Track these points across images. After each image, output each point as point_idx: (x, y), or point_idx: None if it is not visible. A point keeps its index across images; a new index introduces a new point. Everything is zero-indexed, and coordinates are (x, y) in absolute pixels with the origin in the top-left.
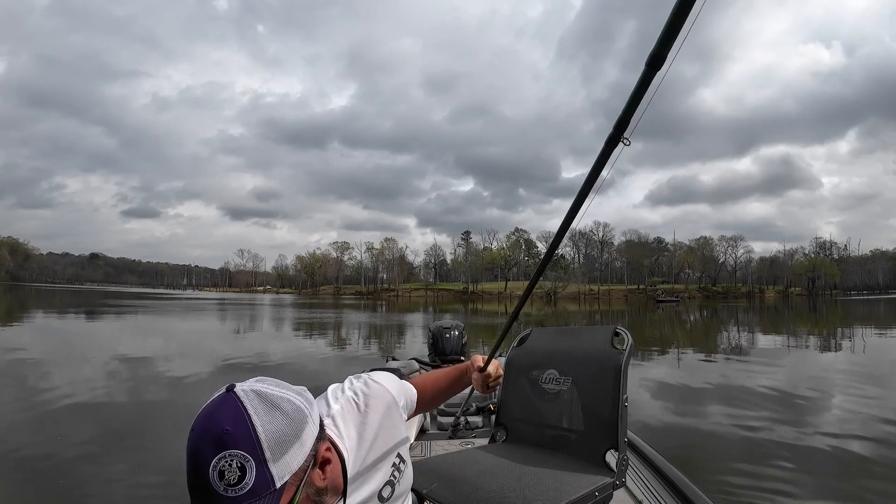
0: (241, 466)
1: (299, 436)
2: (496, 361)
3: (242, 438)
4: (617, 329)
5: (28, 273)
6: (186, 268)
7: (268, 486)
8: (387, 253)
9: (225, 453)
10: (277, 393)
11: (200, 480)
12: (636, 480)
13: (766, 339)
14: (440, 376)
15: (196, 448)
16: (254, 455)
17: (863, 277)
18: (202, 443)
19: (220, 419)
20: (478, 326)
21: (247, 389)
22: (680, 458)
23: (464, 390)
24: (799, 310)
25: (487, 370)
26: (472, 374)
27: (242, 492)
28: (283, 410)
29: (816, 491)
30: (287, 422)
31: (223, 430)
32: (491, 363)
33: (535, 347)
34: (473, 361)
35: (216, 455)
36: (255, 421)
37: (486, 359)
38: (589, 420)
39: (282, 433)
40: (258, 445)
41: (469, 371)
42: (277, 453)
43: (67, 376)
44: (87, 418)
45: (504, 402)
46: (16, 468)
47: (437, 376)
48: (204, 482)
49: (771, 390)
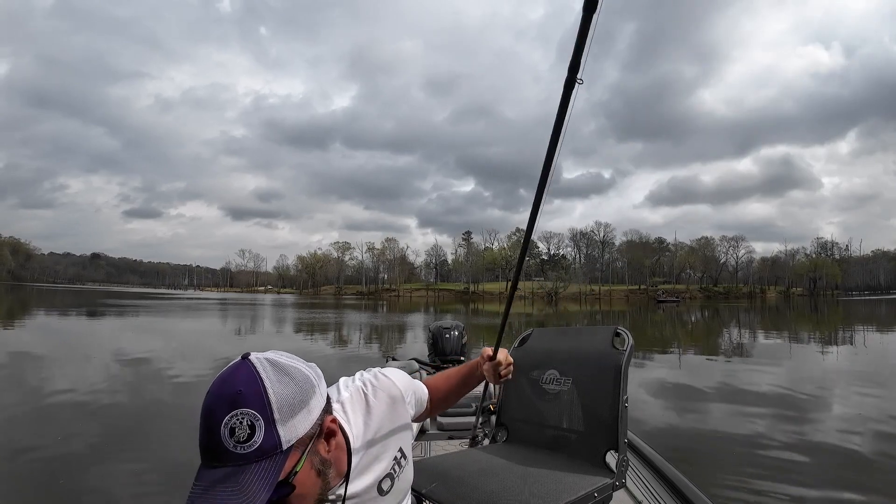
0: (252, 425)
1: (307, 403)
2: (504, 350)
3: (254, 399)
4: (617, 329)
5: (29, 273)
6: (188, 268)
7: (275, 446)
8: (388, 253)
9: (237, 412)
10: (289, 362)
11: (213, 437)
12: (636, 481)
13: (766, 340)
14: (451, 374)
15: (210, 407)
16: (264, 415)
17: (864, 278)
18: (216, 402)
19: (234, 381)
20: (478, 327)
21: (261, 357)
22: (680, 459)
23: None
24: (800, 310)
25: (497, 358)
26: (484, 366)
27: (251, 449)
28: (294, 377)
29: (816, 491)
30: (296, 388)
31: (237, 391)
32: (500, 351)
33: (535, 348)
34: (484, 353)
35: (229, 413)
36: (267, 384)
37: (493, 349)
38: (589, 421)
39: (291, 398)
40: (268, 406)
41: (480, 364)
42: (286, 416)
43: (67, 376)
44: (87, 418)
45: (505, 402)
46: (16, 468)
47: (448, 374)
48: (216, 439)
49: (771, 391)
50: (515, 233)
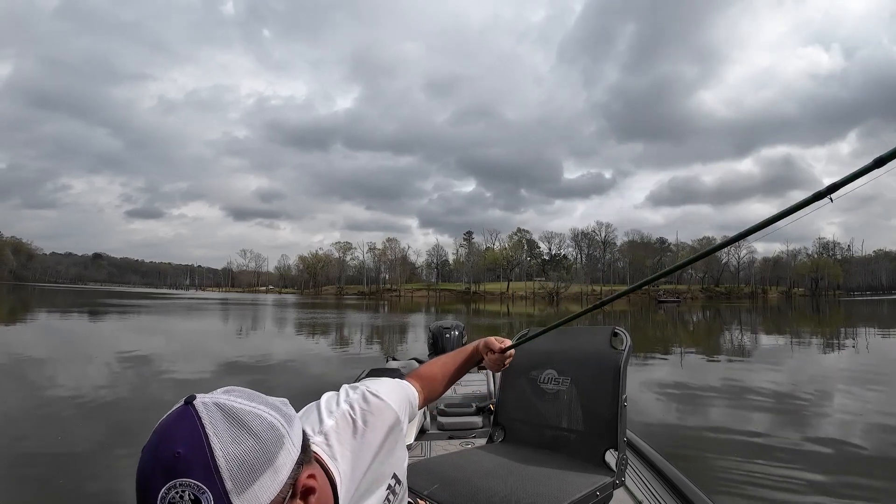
0: (195, 499)
1: (272, 461)
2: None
3: (198, 464)
4: (615, 329)
5: (31, 273)
6: (189, 268)
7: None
8: (389, 253)
9: (175, 482)
10: (246, 408)
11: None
12: (636, 480)
13: (767, 340)
14: (447, 361)
15: (144, 473)
16: (211, 485)
17: (866, 278)
18: (151, 468)
19: (173, 439)
20: (480, 327)
21: (208, 402)
22: (679, 458)
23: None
24: (802, 310)
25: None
26: (489, 356)
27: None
28: (252, 430)
29: (816, 491)
30: (256, 444)
31: (175, 454)
32: (503, 341)
33: (533, 347)
34: (489, 344)
35: (165, 483)
36: (214, 442)
37: (501, 340)
38: (588, 420)
39: (249, 458)
40: (217, 474)
41: (479, 351)
42: (242, 483)
43: (67, 376)
44: (88, 418)
45: (502, 402)
46: (16, 468)
47: (444, 361)
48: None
49: (772, 391)
50: (517, 233)
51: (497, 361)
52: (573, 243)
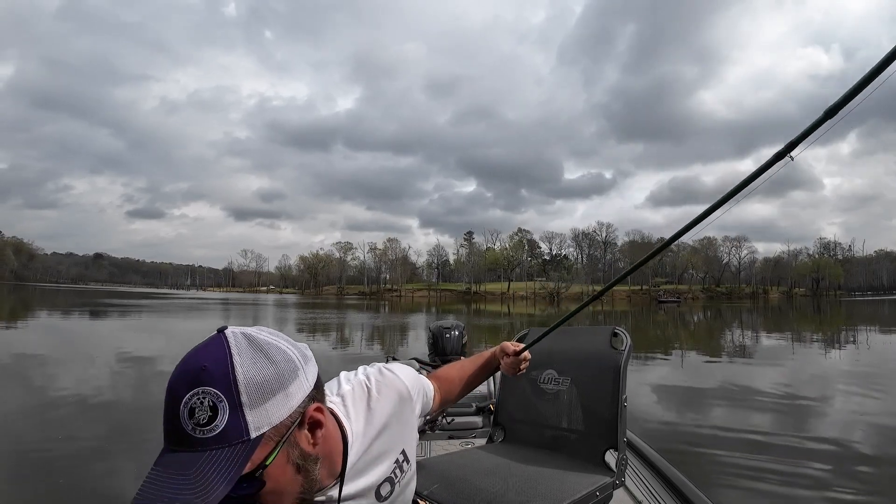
0: (213, 406)
1: (285, 387)
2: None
3: (219, 377)
4: (615, 329)
5: (32, 273)
6: (190, 268)
7: (240, 433)
8: (389, 253)
9: (198, 390)
10: (270, 340)
11: (172, 417)
12: (635, 480)
13: (768, 340)
14: (465, 365)
15: (172, 384)
16: (228, 396)
17: (867, 278)
18: (179, 378)
19: (200, 357)
20: (480, 327)
21: (236, 332)
22: (679, 458)
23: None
24: (803, 310)
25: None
26: (505, 359)
27: (211, 434)
28: (271, 357)
29: (816, 491)
30: (273, 370)
31: (201, 367)
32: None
33: (533, 348)
34: (504, 348)
35: (189, 391)
36: (237, 361)
37: (516, 343)
38: (588, 420)
39: (265, 380)
40: (234, 387)
41: (496, 356)
42: (256, 400)
43: (68, 375)
44: (89, 417)
45: (502, 402)
46: (16, 468)
47: (461, 365)
48: (175, 420)
49: (772, 391)
50: (517, 233)
51: (513, 365)
52: (574, 243)
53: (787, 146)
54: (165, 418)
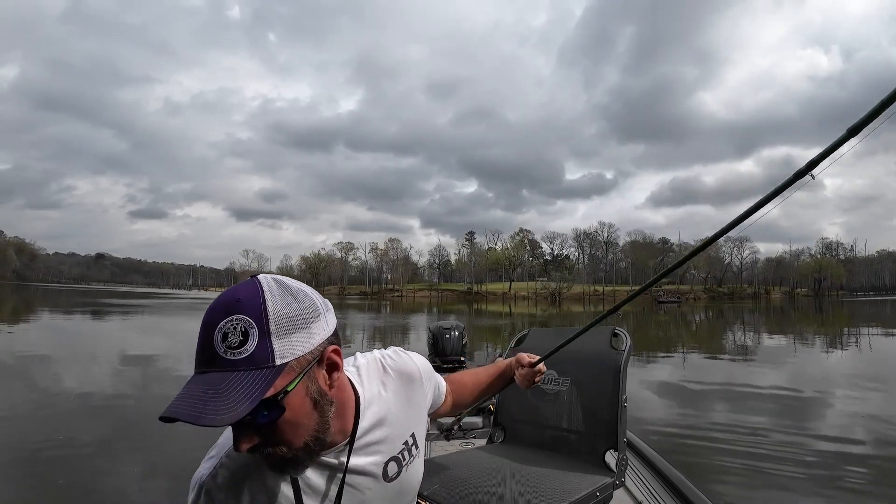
0: (245, 331)
1: (308, 325)
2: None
3: (252, 308)
4: (615, 330)
5: (34, 273)
6: (192, 268)
7: (267, 358)
8: (391, 253)
9: (232, 317)
10: (298, 286)
11: (206, 342)
12: (635, 480)
13: (770, 341)
14: (479, 373)
15: (209, 314)
16: (259, 324)
17: (869, 278)
18: (215, 308)
19: (236, 292)
20: (482, 328)
21: (269, 277)
22: (679, 458)
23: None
24: (805, 311)
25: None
26: (520, 370)
27: (241, 356)
28: (298, 299)
29: (817, 491)
30: (299, 309)
31: (236, 299)
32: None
33: (533, 348)
34: (520, 360)
35: (224, 318)
36: (268, 297)
37: (531, 357)
38: (588, 420)
39: (291, 315)
40: (265, 317)
41: (511, 367)
42: (283, 331)
43: (68, 374)
44: (89, 417)
45: (503, 402)
46: (16, 468)
47: (476, 371)
48: (209, 343)
49: (774, 392)
50: (519, 233)
51: (527, 377)
52: (575, 243)
53: (809, 164)
54: (200, 343)
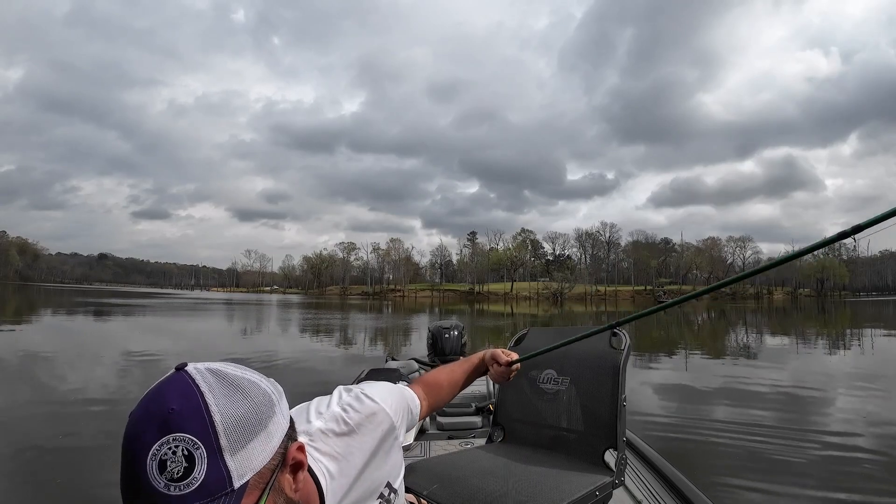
0: (189, 455)
1: (265, 425)
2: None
3: (194, 419)
4: (615, 329)
5: (37, 273)
6: (194, 268)
7: (223, 483)
8: (393, 254)
9: (168, 437)
10: (239, 373)
11: (136, 475)
12: (635, 480)
13: (772, 341)
14: (454, 369)
15: (133, 433)
16: (206, 441)
17: (872, 279)
18: (141, 425)
19: (166, 398)
20: (484, 328)
21: (200, 368)
22: (678, 457)
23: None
24: (807, 311)
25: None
26: (494, 367)
27: (189, 489)
28: (246, 392)
29: (817, 492)
30: (251, 406)
31: (169, 409)
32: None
33: (532, 347)
34: (496, 356)
35: (158, 440)
36: (210, 400)
37: (507, 352)
38: (588, 420)
39: (243, 419)
40: (212, 429)
41: (485, 362)
42: (237, 443)
43: (68, 374)
44: (90, 416)
45: (502, 402)
46: (15, 467)
47: (451, 369)
48: (141, 477)
49: (775, 392)
50: (521, 233)
51: (502, 374)
52: (577, 244)
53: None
54: (125, 476)
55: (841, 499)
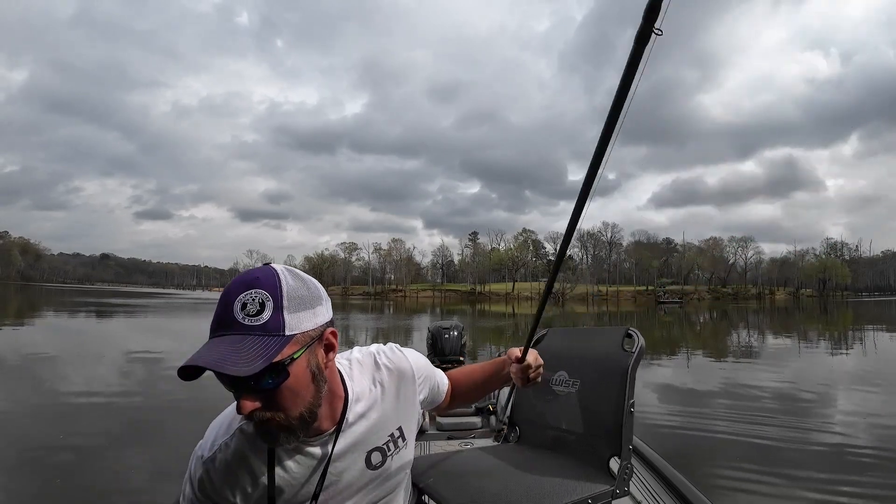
0: (262, 303)
1: (314, 307)
2: (534, 351)
3: (268, 284)
4: (629, 331)
5: (38, 273)
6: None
7: (279, 328)
8: (394, 254)
9: (251, 291)
10: (305, 275)
11: (226, 310)
12: (640, 488)
13: (774, 341)
14: (474, 369)
15: (229, 288)
16: (274, 298)
17: (874, 279)
18: (235, 284)
19: (253, 273)
20: (485, 329)
21: (281, 265)
22: (682, 460)
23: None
24: (809, 311)
25: (527, 360)
26: (511, 368)
27: (257, 323)
28: (307, 284)
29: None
30: (307, 292)
31: (255, 277)
32: (529, 353)
33: (549, 348)
34: (510, 354)
35: (244, 291)
36: (282, 279)
37: (523, 350)
38: (594, 424)
39: (301, 296)
40: (280, 292)
41: (506, 364)
42: (293, 307)
43: (68, 373)
44: (90, 416)
45: (517, 402)
46: (14, 467)
47: (471, 369)
48: (228, 311)
49: (775, 392)
50: (522, 233)
51: (518, 374)
52: (579, 244)
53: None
54: (219, 311)
55: (843, 502)
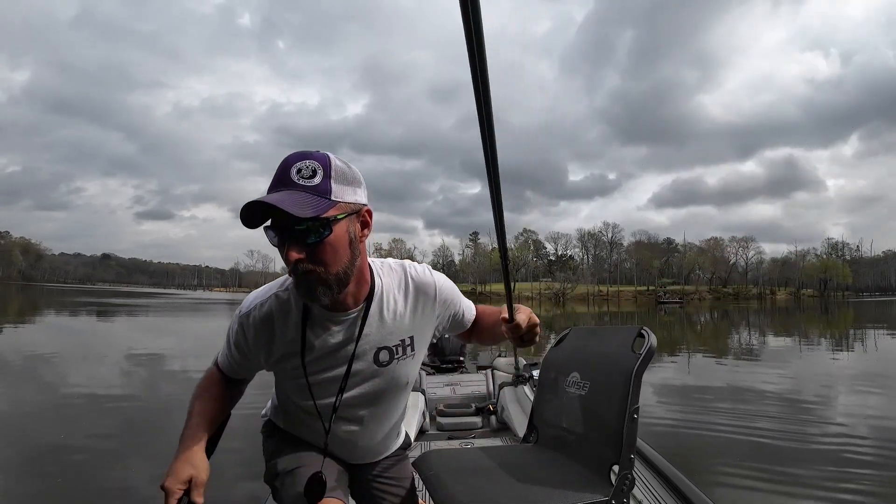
0: (314, 170)
1: (355, 187)
2: (527, 309)
3: (321, 158)
4: (641, 331)
5: (40, 273)
6: (197, 268)
7: (327, 193)
8: (395, 254)
9: (307, 160)
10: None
11: (284, 173)
12: (644, 491)
13: (775, 341)
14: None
15: (287, 158)
16: (325, 168)
17: (875, 279)
18: (293, 155)
19: (310, 151)
20: None
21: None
22: (687, 463)
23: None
24: (810, 311)
25: (516, 321)
26: (502, 327)
27: (310, 184)
28: (352, 168)
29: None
30: (353, 173)
31: (310, 152)
32: (522, 311)
33: (566, 348)
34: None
35: (300, 160)
36: (332, 158)
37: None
38: (598, 429)
39: (347, 175)
40: (330, 164)
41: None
42: (340, 181)
43: (68, 373)
44: (90, 416)
45: (537, 402)
46: (14, 467)
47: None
48: (285, 173)
49: (777, 393)
50: (523, 233)
51: (508, 333)
52: (579, 244)
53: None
54: (277, 174)
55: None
